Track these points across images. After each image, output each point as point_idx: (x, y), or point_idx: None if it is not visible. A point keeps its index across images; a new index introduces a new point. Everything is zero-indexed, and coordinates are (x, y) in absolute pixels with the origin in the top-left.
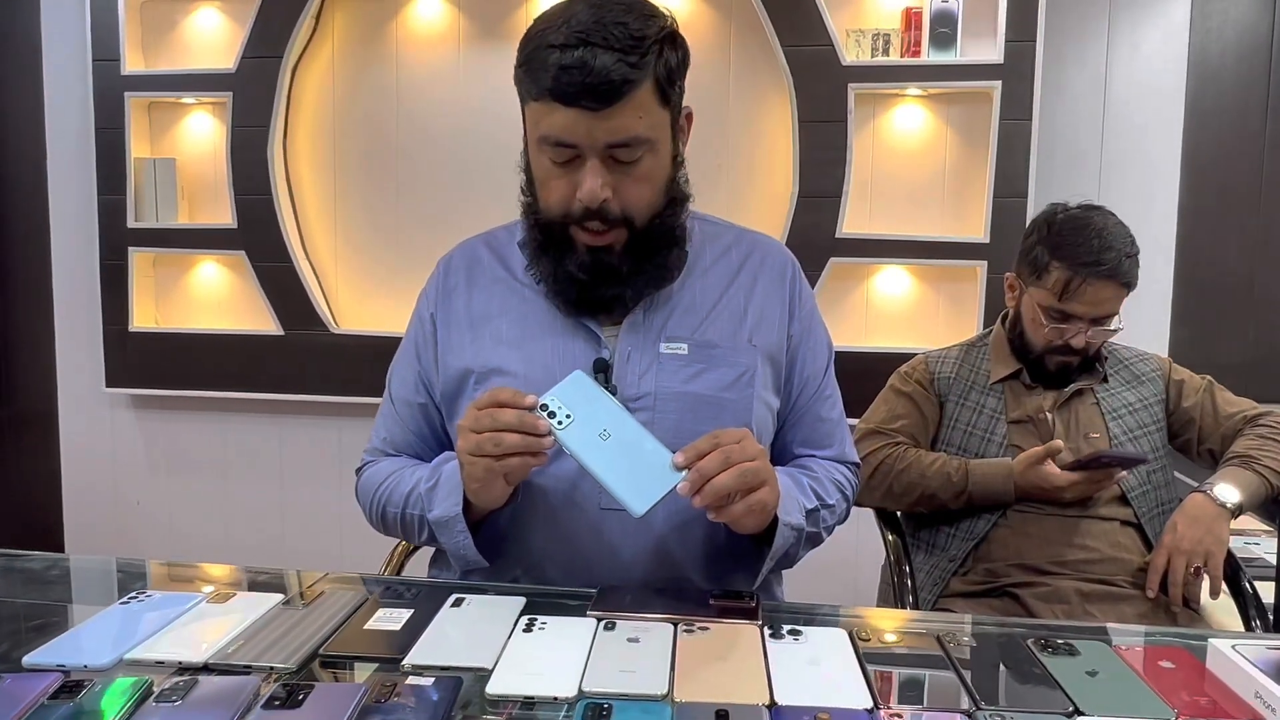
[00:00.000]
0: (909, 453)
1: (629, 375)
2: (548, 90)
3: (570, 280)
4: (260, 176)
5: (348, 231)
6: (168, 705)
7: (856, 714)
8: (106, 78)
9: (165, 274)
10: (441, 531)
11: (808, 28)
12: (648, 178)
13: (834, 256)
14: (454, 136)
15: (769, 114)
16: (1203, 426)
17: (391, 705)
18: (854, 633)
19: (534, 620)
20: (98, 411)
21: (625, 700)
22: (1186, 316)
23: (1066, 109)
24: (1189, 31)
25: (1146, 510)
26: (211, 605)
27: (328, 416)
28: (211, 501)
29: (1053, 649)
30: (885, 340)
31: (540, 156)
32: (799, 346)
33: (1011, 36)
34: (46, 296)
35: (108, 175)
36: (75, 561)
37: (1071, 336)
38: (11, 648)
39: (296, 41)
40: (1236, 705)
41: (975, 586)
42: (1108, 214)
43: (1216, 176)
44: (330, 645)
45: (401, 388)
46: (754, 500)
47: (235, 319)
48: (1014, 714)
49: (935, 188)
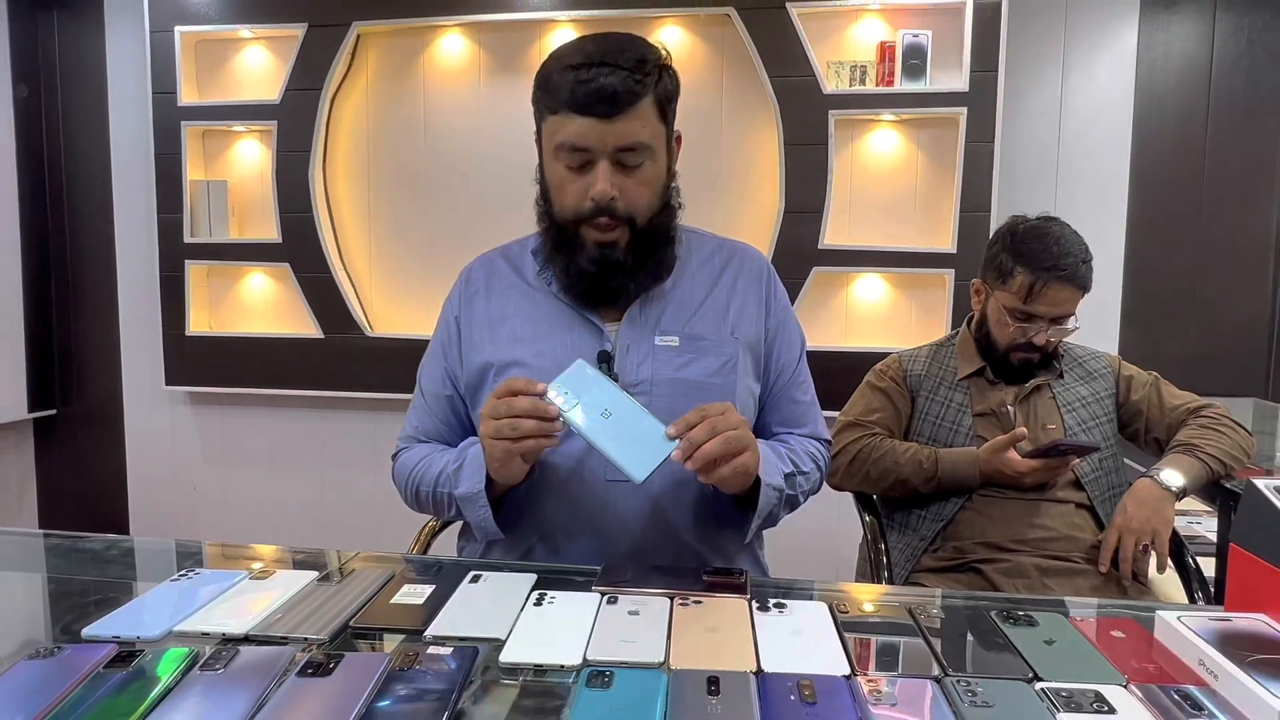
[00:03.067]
0: (884, 442)
1: (628, 364)
2: (565, 102)
3: (581, 274)
4: (302, 196)
5: (381, 244)
6: (212, 673)
7: (835, 680)
8: (165, 108)
9: (218, 284)
10: (466, 506)
11: (792, 60)
12: (648, 182)
13: (816, 266)
14: (474, 159)
15: (758, 137)
16: (1149, 418)
17: (414, 673)
18: (834, 606)
19: (544, 595)
20: (158, 408)
21: (625, 668)
22: (1135, 318)
23: (1026, 131)
24: (1136, 61)
25: (1099, 494)
26: (253, 582)
27: (363, 411)
28: (259, 487)
29: (1014, 620)
30: (863, 341)
31: (556, 164)
32: (775, 339)
33: (975, 67)
34: (112, 305)
35: (166, 196)
36: (135, 542)
37: (1034, 335)
38: (74, 621)
39: (334, 75)
40: (1181, 671)
41: (944, 563)
42: (1064, 224)
43: (1162, 191)
44: (359, 618)
45: (430, 383)
46: (738, 463)
47: (280, 324)
48: (979, 680)
49: (907, 203)
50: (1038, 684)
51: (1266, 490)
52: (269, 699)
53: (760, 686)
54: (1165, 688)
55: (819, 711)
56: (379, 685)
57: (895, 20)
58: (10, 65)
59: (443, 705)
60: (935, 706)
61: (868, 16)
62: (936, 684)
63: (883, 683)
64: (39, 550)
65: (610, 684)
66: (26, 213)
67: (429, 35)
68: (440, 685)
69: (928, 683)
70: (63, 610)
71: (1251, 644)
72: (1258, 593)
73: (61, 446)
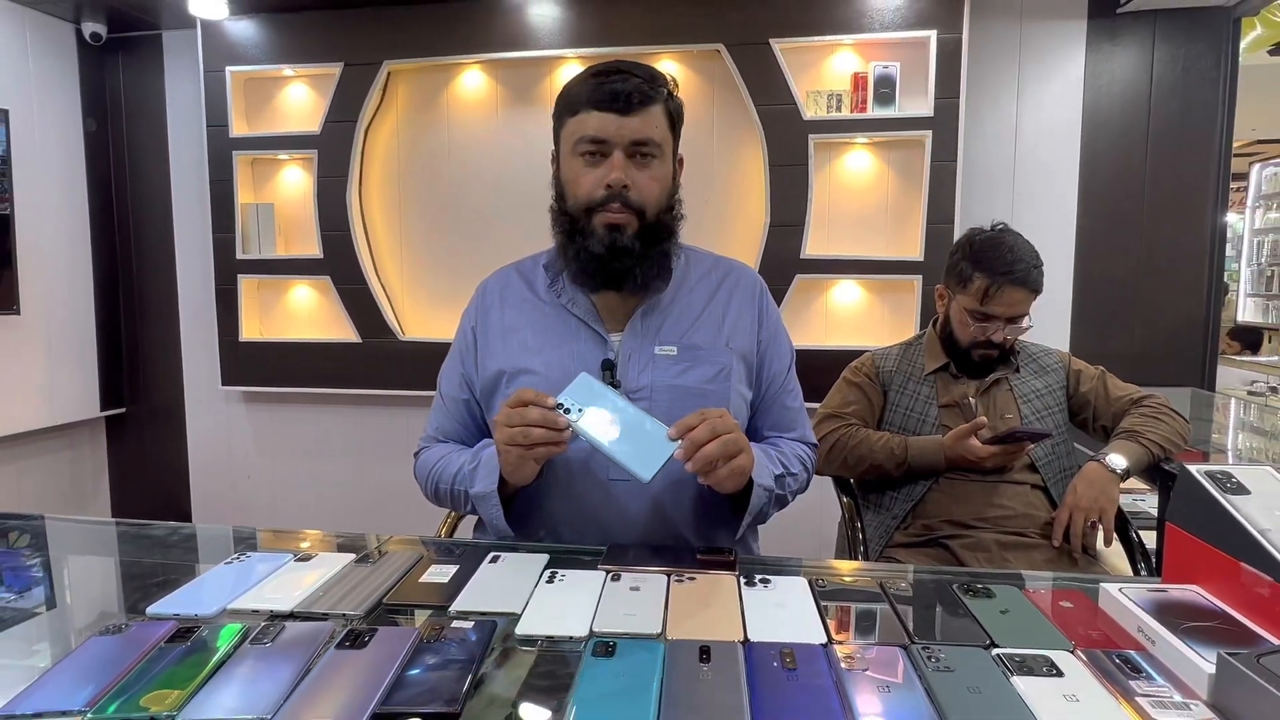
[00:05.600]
0: (859, 432)
1: (630, 372)
2: (586, 101)
3: (592, 256)
4: (340, 216)
5: (411, 258)
6: (260, 646)
7: (814, 648)
8: (218, 139)
9: (267, 295)
10: (480, 504)
11: (775, 90)
12: (657, 178)
13: (799, 274)
14: (493, 181)
15: (745, 159)
16: (1097, 407)
17: (439, 644)
18: (813, 581)
19: (555, 573)
20: (215, 406)
21: (627, 639)
22: (1083, 318)
23: (984, 152)
24: (1083, 88)
25: (1052, 476)
26: (297, 564)
27: (397, 407)
28: (306, 477)
29: (973, 592)
30: (840, 340)
31: (574, 160)
32: (766, 350)
33: (939, 94)
34: (173, 314)
35: (220, 217)
36: (195, 528)
37: (992, 334)
38: (140, 599)
39: (368, 108)
40: (1122, 637)
41: (914, 539)
42: (1017, 234)
43: (1107, 204)
44: (391, 596)
45: (449, 387)
46: (735, 465)
47: (322, 330)
48: (942, 646)
49: (879, 217)
50: (994, 650)
51: (1198, 474)
52: (311, 669)
53: (747, 654)
54: (1108, 652)
55: (799, 676)
56: (409, 656)
57: (867, 53)
58: (81, 102)
59: (465, 673)
60: (903, 671)
61: (843, 50)
62: (904, 651)
63: (856, 649)
64: (111, 537)
65: (614, 653)
66: (96, 232)
67: (452, 72)
68: (463, 655)
69: (896, 650)
70: (131, 590)
71: (1185, 613)
72: (1191, 566)
73: (130, 442)
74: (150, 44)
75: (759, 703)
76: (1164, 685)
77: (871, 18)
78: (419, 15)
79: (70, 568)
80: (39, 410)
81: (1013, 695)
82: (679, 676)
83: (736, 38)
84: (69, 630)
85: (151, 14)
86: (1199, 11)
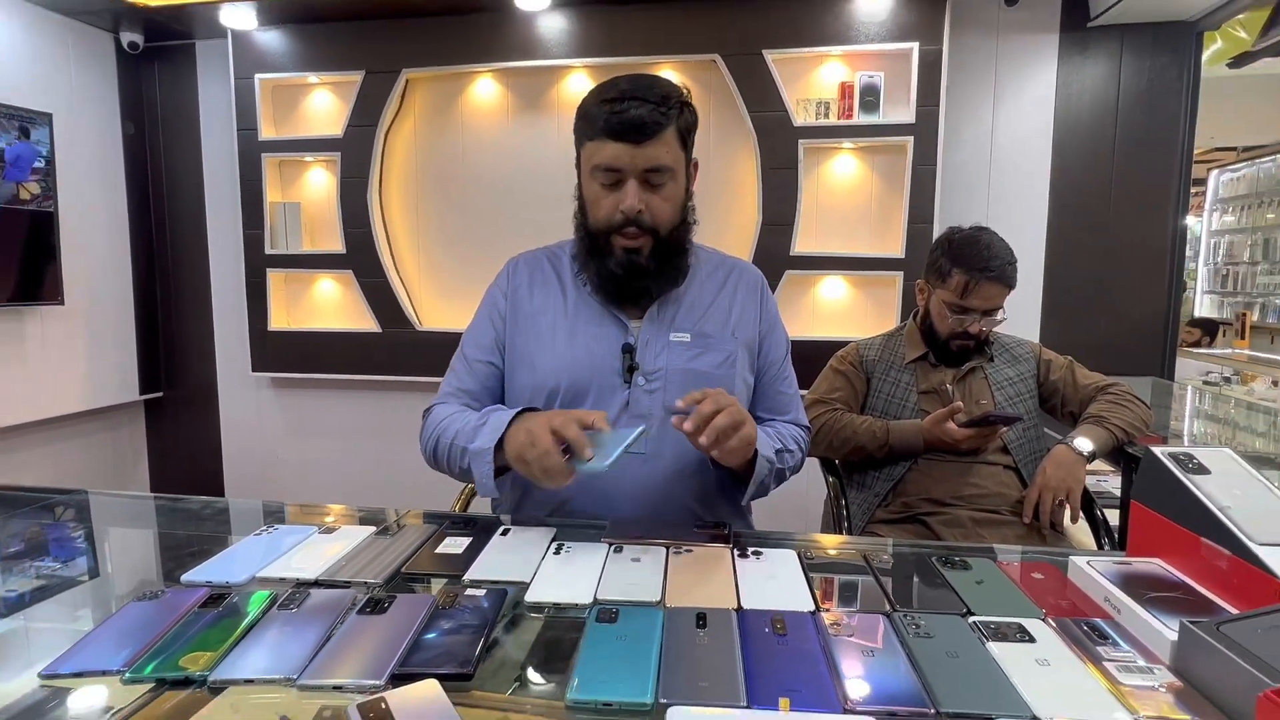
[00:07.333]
0: (844, 416)
1: (648, 356)
2: (601, 130)
3: (610, 276)
4: (362, 215)
5: (427, 254)
6: (287, 612)
7: (802, 615)
8: (248, 142)
9: (294, 288)
10: (474, 460)
11: (768, 98)
12: (670, 199)
13: (789, 269)
14: (504, 181)
15: (739, 163)
16: (1065, 394)
17: (454, 611)
18: (801, 553)
19: (562, 545)
20: (247, 391)
21: (629, 606)
22: (1053, 311)
23: (963, 156)
24: (1055, 97)
25: (1023, 457)
26: (322, 535)
27: (414, 392)
28: (331, 456)
29: (950, 564)
30: (827, 331)
31: (592, 183)
32: (766, 339)
33: (921, 102)
34: (207, 305)
35: (250, 215)
36: (227, 502)
37: (969, 325)
38: (175, 568)
39: (387, 114)
40: (1090, 606)
41: (895, 515)
42: (993, 233)
43: (1076, 205)
44: (409, 565)
45: (476, 349)
46: (743, 435)
47: (345, 320)
48: (921, 614)
49: (864, 217)
50: (970, 618)
51: (1162, 456)
52: (335, 632)
53: (740, 621)
54: (1077, 620)
55: (789, 641)
56: (426, 621)
57: (854, 64)
58: (120, 107)
59: (478, 637)
60: (885, 636)
61: (831, 61)
62: (886, 618)
63: (842, 617)
64: (150, 510)
65: (616, 619)
66: (135, 229)
67: (466, 80)
68: (476, 620)
69: (879, 617)
70: (167, 559)
71: (1149, 584)
72: (1154, 541)
73: (167, 423)
74: (184, 53)
75: (752, 665)
76: (1129, 651)
77: (858, 30)
78: (435, 27)
79: (110, 539)
80: (83, 394)
81: (988, 659)
82: (677, 641)
83: (731, 49)
84: (109, 596)
85: (186, 24)
86: (1164, 26)
